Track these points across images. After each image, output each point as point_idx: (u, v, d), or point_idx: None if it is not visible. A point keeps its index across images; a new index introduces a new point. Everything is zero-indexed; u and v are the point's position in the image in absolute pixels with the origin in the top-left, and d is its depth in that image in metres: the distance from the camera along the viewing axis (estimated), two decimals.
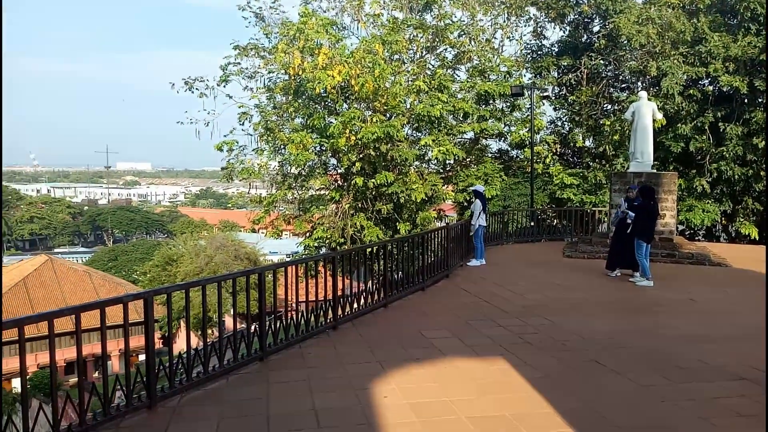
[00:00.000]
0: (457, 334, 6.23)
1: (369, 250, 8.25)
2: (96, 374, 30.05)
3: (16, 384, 26.93)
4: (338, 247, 14.83)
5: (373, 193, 15.50)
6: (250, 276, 5.44)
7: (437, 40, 17.08)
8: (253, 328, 5.33)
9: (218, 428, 3.90)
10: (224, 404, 4.32)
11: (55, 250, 64.34)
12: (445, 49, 17.70)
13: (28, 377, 5.17)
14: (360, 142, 14.44)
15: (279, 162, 16.83)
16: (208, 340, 5.52)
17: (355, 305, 6.90)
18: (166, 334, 5.36)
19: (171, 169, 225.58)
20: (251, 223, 17.65)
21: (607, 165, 18.05)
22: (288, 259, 23.50)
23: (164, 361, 4.41)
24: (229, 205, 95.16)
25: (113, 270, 46.78)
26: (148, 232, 77.69)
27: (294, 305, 6.06)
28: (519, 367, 5.16)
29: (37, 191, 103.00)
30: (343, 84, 14.34)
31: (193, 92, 16.60)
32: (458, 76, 18.24)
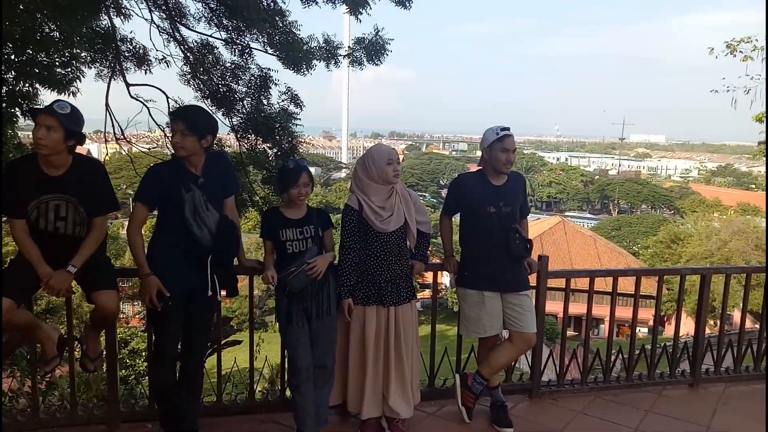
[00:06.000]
0: None
1: None
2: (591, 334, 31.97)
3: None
4: None
5: None
6: None
7: None
8: None
9: None
10: None
11: (566, 213, 70.96)
12: None
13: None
14: None
15: None
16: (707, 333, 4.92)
17: None
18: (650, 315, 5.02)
19: (686, 142, 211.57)
20: None
21: None
22: None
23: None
24: (752, 186, 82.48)
25: (615, 239, 48.04)
26: (653, 206, 75.99)
27: None
28: None
29: (557, 159, 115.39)
30: None
31: (735, 56, 14.80)
32: None
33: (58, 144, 2.54)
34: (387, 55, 8.15)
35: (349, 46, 7.98)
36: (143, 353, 11.21)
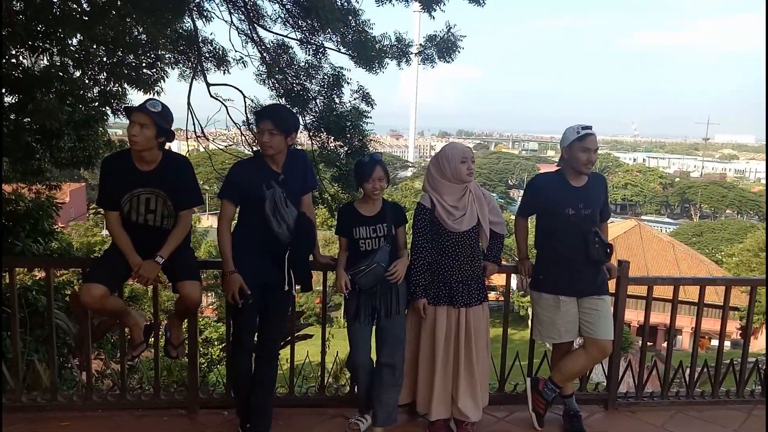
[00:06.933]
0: None
1: None
2: (665, 344, 30.46)
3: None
4: None
5: None
6: None
7: None
8: None
9: None
10: None
11: (642, 217, 67.60)
12: None
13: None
14: None
15: None
16: None
17: None
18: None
19: None
20: None
21: None
22: None
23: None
24: None
25: (696, 245, 45.39)
26: (739, 211, 71.11)
27: None
28: None
29: (634, 160, 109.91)
30: None
31: None
32: None
33: (150, 141, 2.68)
34: (459, 52, 8.07)
35: (420, 44, 7.97)
36: (215, 342, 11.69)
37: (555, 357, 3.42)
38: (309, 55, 8.02)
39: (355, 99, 8.07)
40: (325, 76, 8.07)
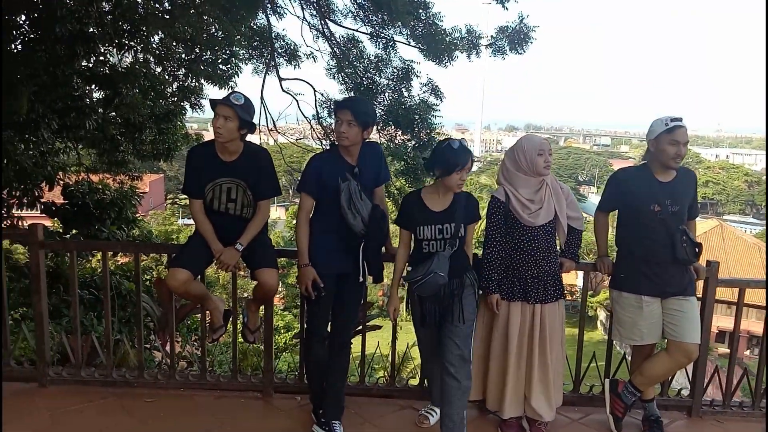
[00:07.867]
0: None
1: None
2: (747, 352, 28.56)
3: None
4: None
5: None
6: None
7: None
8: None
9: None
10: None
11: (724, 217, 63.58)
12: None
13: None
14: None
15: None
16: None
17: None
18: None
19: None
20: None
21: None
22: None
23: None
24: None
25: None
26: None
27: None
28: None
29: (716, 156, 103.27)
30: None
31: None
32: None
33: (233, 132, 2.77)
34: (531, 43, 7.85)
35: (491, 36, 7.81)
36: (281, 330, 12.04)
37: (636, 360, 3.26)
38: (379, 48, 8.03)
39: (424, 92, 8.03)
40: (395, 70, 8.07)
